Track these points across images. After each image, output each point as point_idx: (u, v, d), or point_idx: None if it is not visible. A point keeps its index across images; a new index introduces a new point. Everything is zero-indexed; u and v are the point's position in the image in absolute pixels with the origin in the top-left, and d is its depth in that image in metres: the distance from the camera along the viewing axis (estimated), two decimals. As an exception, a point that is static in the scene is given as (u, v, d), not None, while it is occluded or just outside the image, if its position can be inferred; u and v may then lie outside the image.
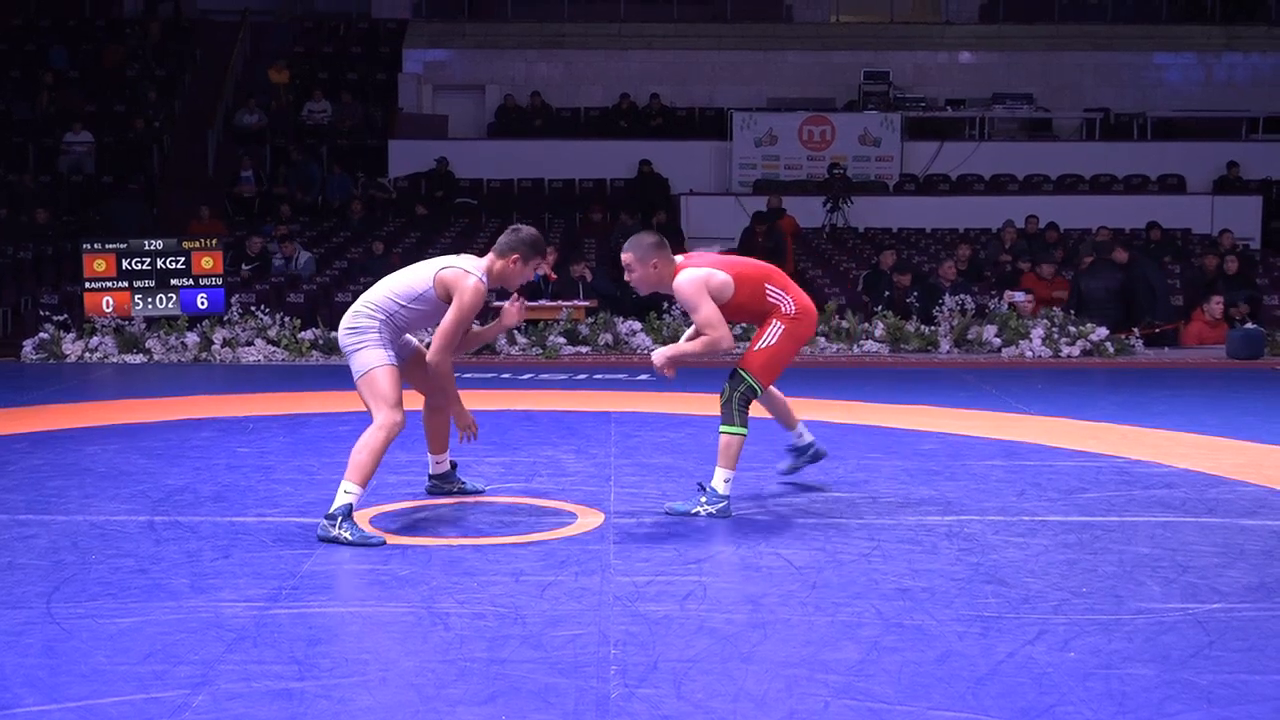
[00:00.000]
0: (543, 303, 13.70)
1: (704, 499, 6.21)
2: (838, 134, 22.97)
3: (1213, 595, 4.91)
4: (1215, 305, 13.59)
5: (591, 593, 4.89)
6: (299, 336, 13.10)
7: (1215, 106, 24.38)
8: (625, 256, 6.29)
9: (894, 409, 9.59)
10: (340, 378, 11.47)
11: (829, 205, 20.99)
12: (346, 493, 5.69)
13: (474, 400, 9.98)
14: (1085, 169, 22.84)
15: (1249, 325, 13.35)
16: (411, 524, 5.99)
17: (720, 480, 6.23)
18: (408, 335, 6.38)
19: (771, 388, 6.72)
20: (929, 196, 22.57)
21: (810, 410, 9.46)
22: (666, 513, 6.20)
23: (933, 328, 13.58)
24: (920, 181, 23.07)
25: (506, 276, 6.18)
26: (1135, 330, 13.42)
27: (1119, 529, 5.97)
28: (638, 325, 13.43)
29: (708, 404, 9.76)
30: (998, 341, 13.34)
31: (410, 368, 6.37)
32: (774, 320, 6.41)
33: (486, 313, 13.77)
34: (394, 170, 22.47)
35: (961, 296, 13.91)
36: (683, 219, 21.28)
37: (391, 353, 6.09)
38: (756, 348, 6.40)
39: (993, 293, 14.89)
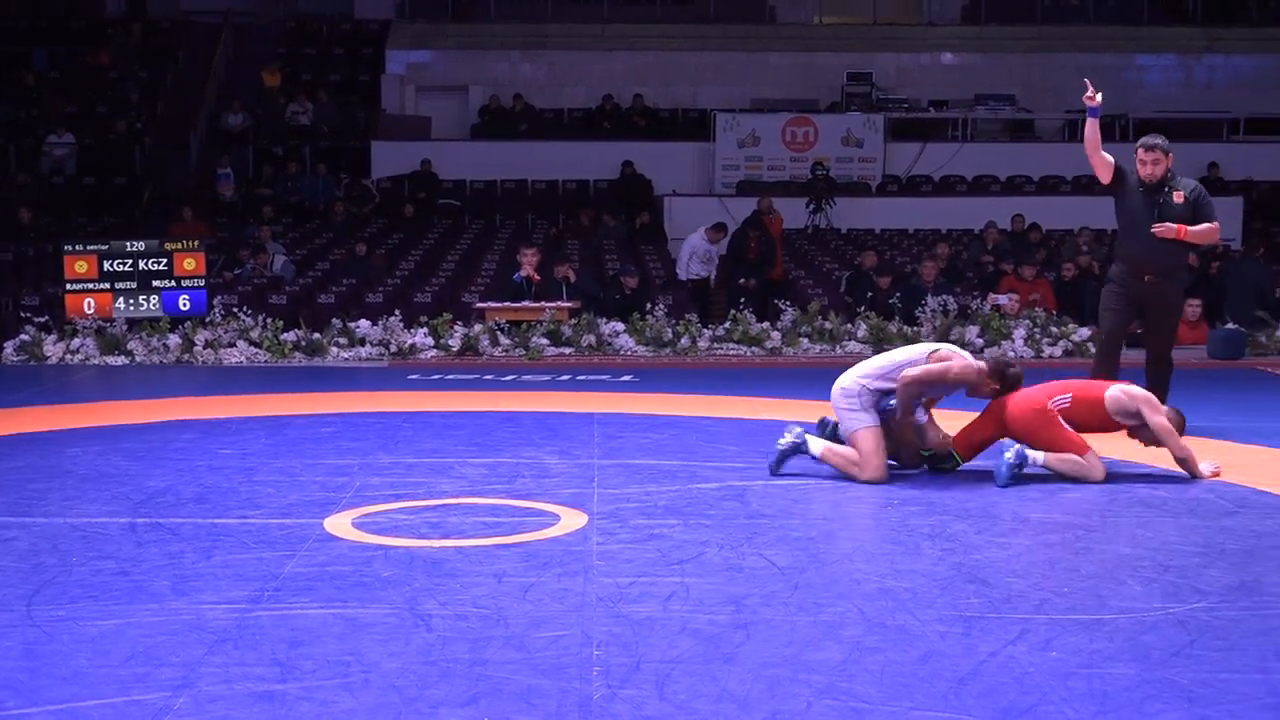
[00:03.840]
0: (525, 304, 13.70)
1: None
2: (820, 135, 23.00)
3: (1193, 595, 4.92)
4: (1193, 307, 13.62)
5: (574, 594, 4.88)
6: (281, 338, 13.07)
7: (1196, 108, 24.46)
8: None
9: (877, 409, 9.58)
10: (322, 379, 11.46)
11: (812, 206, 21.02)
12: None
13: (457, 401, 9.99)
14: (1067, 170, 22.89)
15: (1230, 326, 13.40)
16: (393, 525, 5.98)
17: None
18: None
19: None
20: (912, 198, 22.62)
21: (793, 411, 9.47)
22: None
23: (915, 328, 13.60)
24: (903, 182, 23.11)
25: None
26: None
27: (1100, 529, 5.98)
28: (620, 326, 13.43)
29: (687, 405, 9.77)
30: (980, 342, 13.36)
31: None
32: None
33: (468, 314, 13.77)
34: (377, 171, 22.45)
35: (944, 297, 13.93)
36: (665, 220, 21.29)
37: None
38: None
39: (975, 293, 14.92)
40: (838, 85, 24.51)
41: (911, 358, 7.12)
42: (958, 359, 7.09)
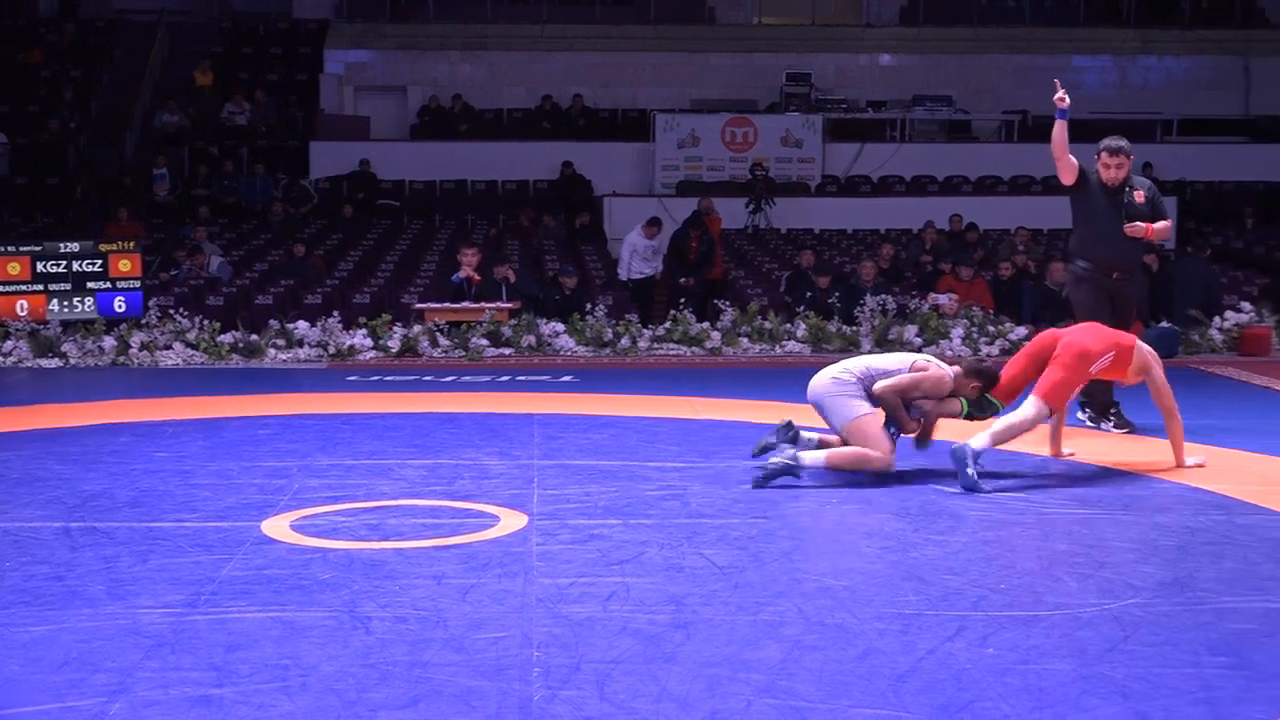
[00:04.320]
0: (465, 305, 13.65)
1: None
2: (760, 135, 23.06)
3: (1128, 591, 4.98)
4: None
5: (514, 595, 4.88)
6: (218, 340, 12.97)
7: (1131, 109, 24.72)
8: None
9: (816, 409, 9.63)
10: (259, 381, 11.38)
11: (751, 206, 21.07)
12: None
13: (396, 403, 9.95)
14: (1004, 170, 23.08)
15: (1164, 324, 13.54)
16: (332, 528, 5.94)
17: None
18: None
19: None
20: (850, 198, 22.71)
21: (733, 410, 9.50)
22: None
23: (854, 328, 13.66)
24: (842, 183, 23.21)
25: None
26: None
27: (1037, 525, 6.04)
28: (561, 327, 13.41)
29: (628, 406, 9.78)
30: (919, 341, 13.44)
31: None
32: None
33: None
34: (315, 172, 22.31)
35: (883, 297, 14.01)
36: (605, 220, 21.28)
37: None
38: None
39: (914, 293, 15.00)
40: (777, 86, 24.60)
41: (887, 367, 7.11)
42: (933, 368, 7.09)
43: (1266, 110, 25.24)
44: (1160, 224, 8.65)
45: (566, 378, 11.53)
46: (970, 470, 6.73)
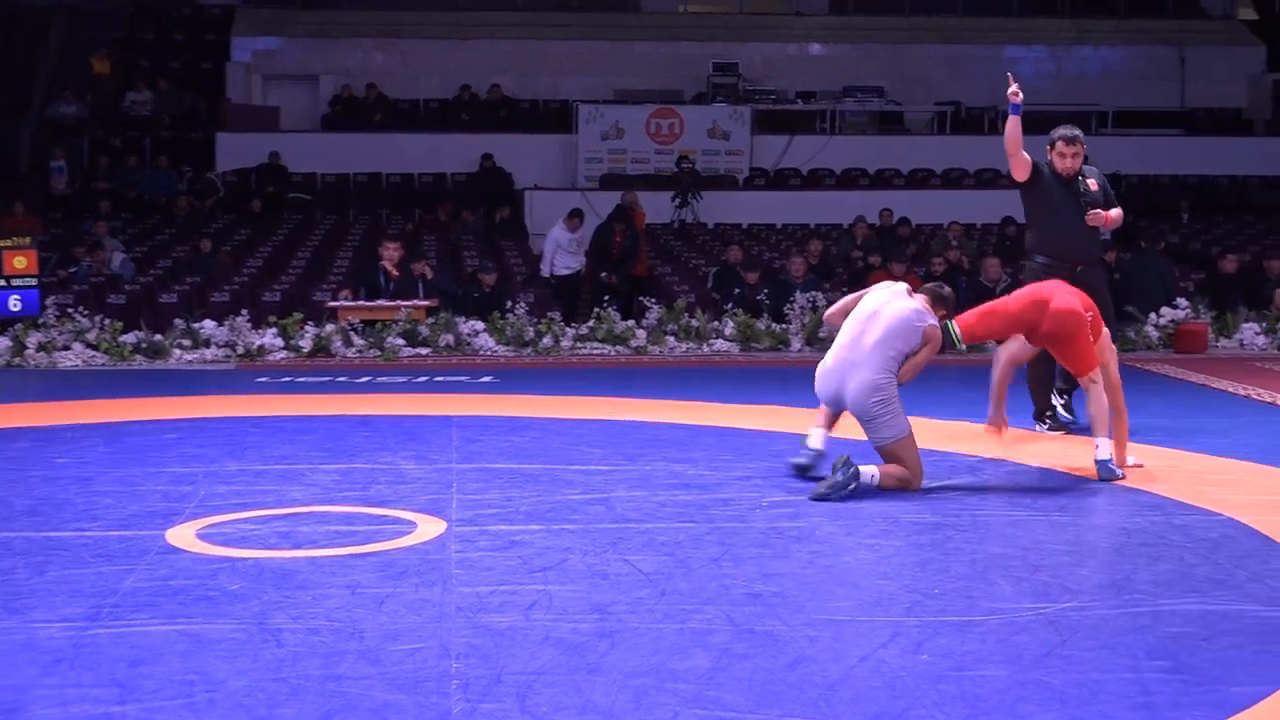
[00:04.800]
0: (381, 302, 13.58)
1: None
2: (686, 127, 23.11)
3: (1064, 594, 5.03)
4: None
5: (432, 604, 4.86)
6: (120, 340, 12.81)
7: (1066, 100, 24.95)
8: None
9: (745, 409, 9.67)
10: (164, 383, 11.27)
11: (677, 200, 21.10)
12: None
13: (308, 405, 9.88)
14: (937, 163, 23.27)
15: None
16: (241, 536, 5.89)
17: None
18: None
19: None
20: (780, 191, 22.82)
21: (659, 411, 9.51)
22: None
23: (784, 326, 13.72)
24: (770, 176, 23.31)
25: None
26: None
27: (971, 528, 6.09)
28: (480, 325, 13.36)
29: (550, 407, 9.77)
30: (850, 339, 13.51)
31: None
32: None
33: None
34: (222, 164, 22.12)
35: (813, 293, 14.07)
36: (526, 215, 21.25)
37: None
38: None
39: (845, 289, 15.07)
40: (703, 76, 24.66)
41: (902, 314, 6.95)
42: (932, 326, 7.00)
43: (1202, 102, 25.65)
44: (1115, 211, 8.82)
45: (486, 378, 11.49)
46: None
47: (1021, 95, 8.57)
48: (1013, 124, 8.65)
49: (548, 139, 23.34)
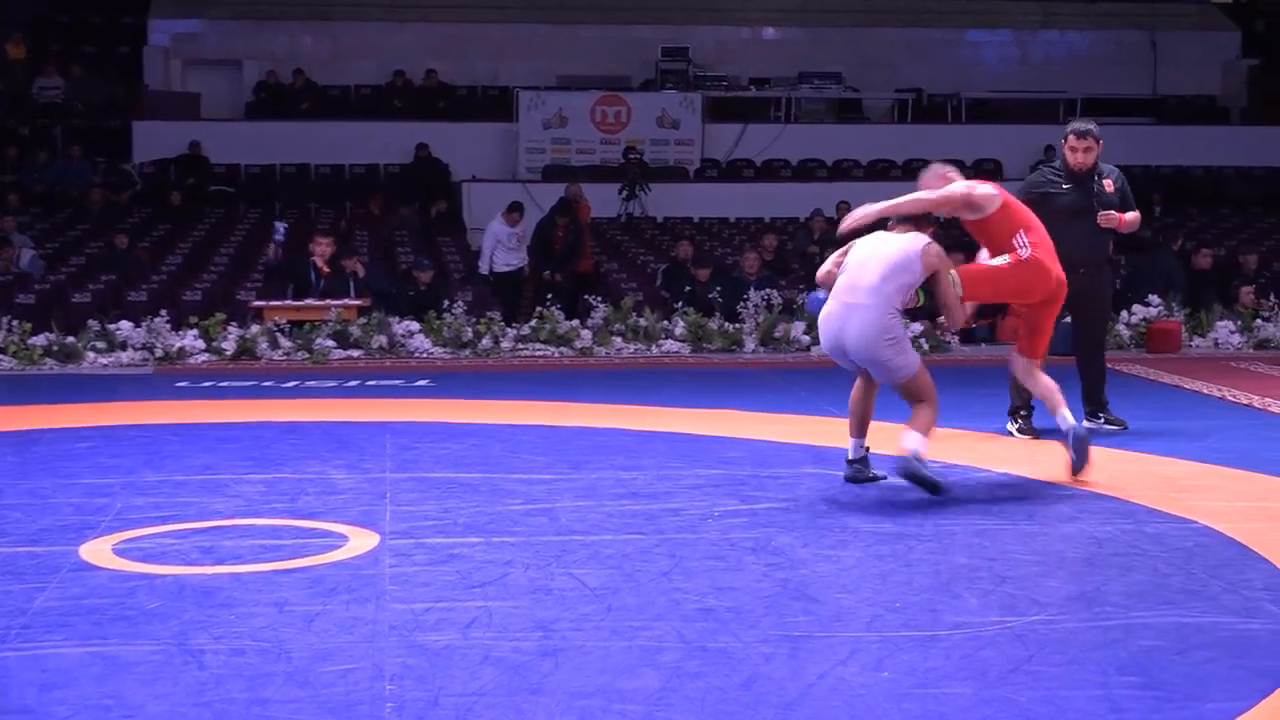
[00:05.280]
0: (309, 302, 13.52)
1: None
2: (633, 115, 23.12)
3: (1032, 607, 5.06)
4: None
5: (364, 623, 4.85)
6: (29, 342, 12.71)
7: (1032, 87, 25.17)
8: None
9: (696, 414, 9.69)
10: (77, 389, 11.18)
11: (625, 193, 21.11)
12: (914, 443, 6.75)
13: (231, 411, 9.84)
14: (897, 153, 23.34)
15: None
16: (160, 551, 5.86)
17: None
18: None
19: (1042, 375, 7.58)
20: (732, 183, 22.87)
21: (606, 417, 9.52)
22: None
23: (737, 325, 13.75)
24: (723, 167, 23.36)
25: None
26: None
27: (935, 538, 6.12)
28: (415, 326, 13.34)
29: (490, 412, 9.76)
30: (807, 339, 13.56)
31: None
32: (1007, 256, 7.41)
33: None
34: (139, 155, 21.98)
35: (768, 291, 14.11)
36: (464, 208, 21.21)
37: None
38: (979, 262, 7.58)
39: (801, 286, 15.12)
40: (652, 61, 24.67)
41: (898, 247, 7.05)
42: (923, 243, 7.07)
43: (1175, 89, 25.86)
44: (1131, 214, 8.91)
45: (422, 382, 11.47)
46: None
47: None
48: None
49: (487, 128, 23.30)
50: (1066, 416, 7.41)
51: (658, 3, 26.02)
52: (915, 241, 7.04)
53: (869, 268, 6.99)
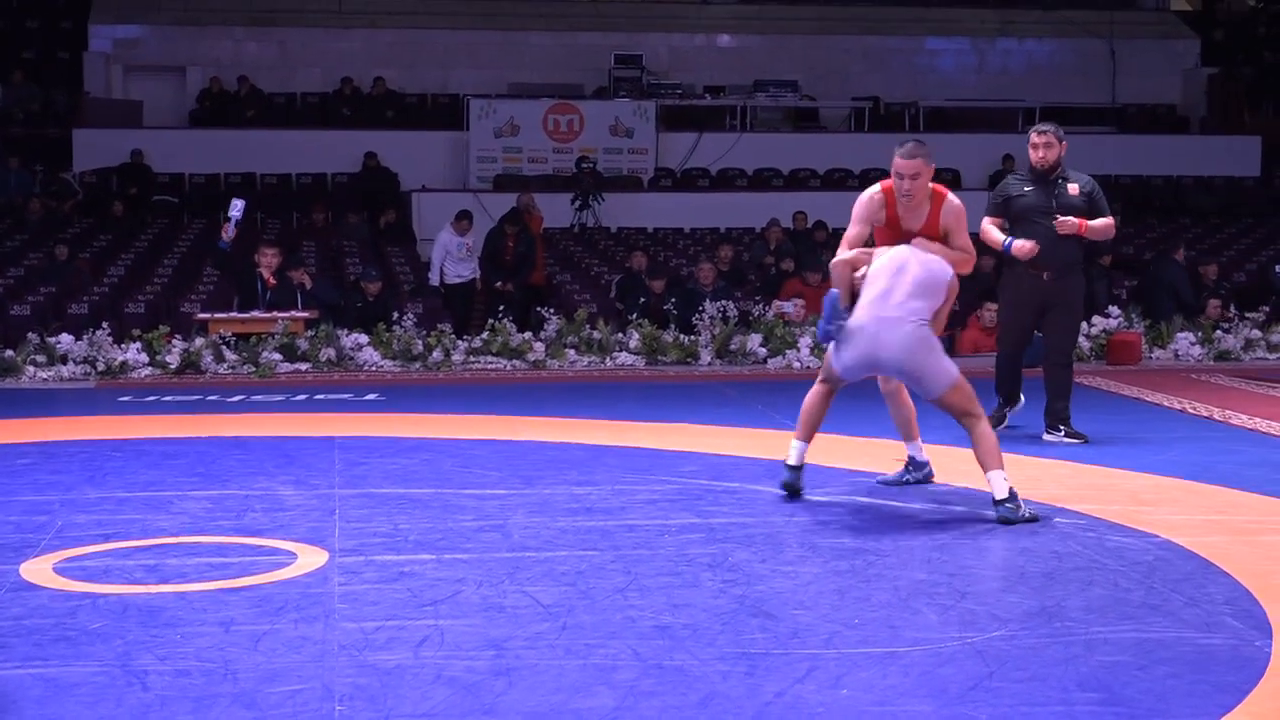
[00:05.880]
0: (255, 314, 13.47)
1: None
2: (586, 124, 23.16)
3: (992, 622, 5.09)
4: (989, 311, 14.08)
5: (313, 642, 4.83)
6: (-33, 356, 12.63)
7: (990, 95, 25.34)
8: (914, 163, 7.17)
9: (651, 428, 9.70)
10: (16, 403, 11.10)
11: (578, 203, 21.14)
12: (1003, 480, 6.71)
13: (176, 426, 9.79)
14: (854, 162, 23.46)
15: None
16: (103, 570, 5.82)
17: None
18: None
19: (904, 393, 7.47)
20: (687, 193, 22.93)
21: (560, 431, 9.52)
22: None
23: (693, 337, 13.77)
24: (677, 176, 23.41)
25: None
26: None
27: (894, 553, 6.14)
28: (364, 339, 13.31)
29: (441, 426, 9.74)
30: (763, 352, 13.59)
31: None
32: None
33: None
34: (80, 164, 21.87)
35: (723, 303, 14.14)
36: (414, 218, 21.20)
37: None
38: None
39: (757, 298, 15.17)
40: (605, 68, 24.72)
41: (929, 266, 7.05)
42: (950, 275, 7.10)
43: (1134, 98, 26.09)
44: (1100, 221, 8.99)
45: (371, 396, 11.44)
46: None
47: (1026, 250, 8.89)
48: (994, 240, 9.07)
49: (436, 136, 23.29)
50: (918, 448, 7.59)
51: (611, 10, 26.08)
52: (945, 268, 7.09)
53: (902, 280, 7.01)
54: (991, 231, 9.07)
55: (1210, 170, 24.15)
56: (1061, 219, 8.87)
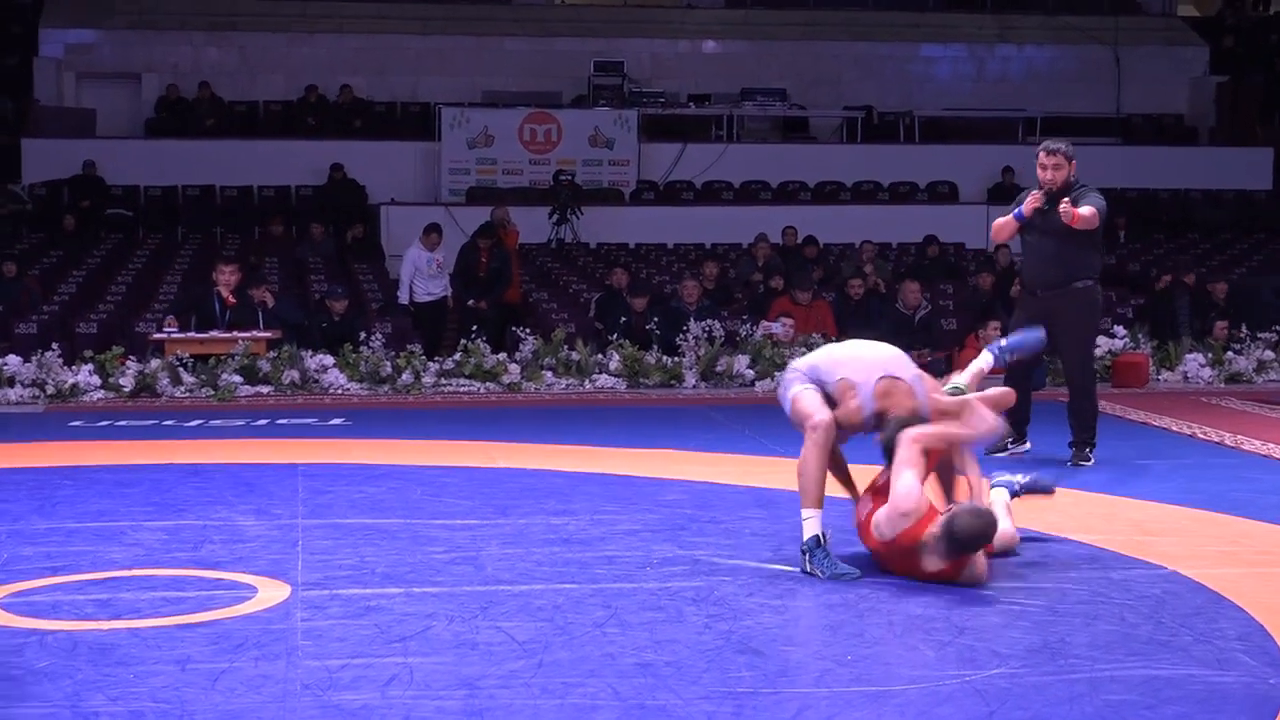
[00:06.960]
0: (214, 334, 13.45)
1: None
2: (564, 134, 23.18)
3: (992, 659, 5.08)
4: (992, 331, 14.10)
5: (274, 681, 4.81)
6: (-90, 379, 12.60)
7: (988, 105, 25.40)
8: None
9: (633, 454, 9.70)
10: (-38, 428, 11.07)
11: (555, 217, 21.14)
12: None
13: (130, 453, 9.76)
14: (846, 175, 23.51)
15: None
16: (51, 605, 5.80)
17: None
18: None
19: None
20: (671, 206, 22.94)
21: (536, 457, 9.51)
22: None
23: (676, 359, 13.78)
24: (660, 189, 23.43)
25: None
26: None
27: (888, 586, 6.13)
28: (330, 360, 13.30)
29: (410, 453, 9.73)
30: (751, 374, 13.61)
31: None
32: None
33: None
34: (29, 175, 21.83)
35: (709, 322, 14.14)
36: (382, 233, 21.20)
37: None
38: None
39: (745, 317, 15.18)
40: (584, 76, 24.75)
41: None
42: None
43: (1139, 108, 26.17)
44: (1085, 209, 9.00)
45: (336, 420, 11.43)
46: None
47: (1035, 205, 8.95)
48: (1010, 225, 9.12)
49: (406, 147, 23.30)
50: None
51: (590, 14, 26.14)
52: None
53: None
54: (999, 221, 9.18)
55: (1220, 183, 24.21)
56: (1063, 208, 8.92)
